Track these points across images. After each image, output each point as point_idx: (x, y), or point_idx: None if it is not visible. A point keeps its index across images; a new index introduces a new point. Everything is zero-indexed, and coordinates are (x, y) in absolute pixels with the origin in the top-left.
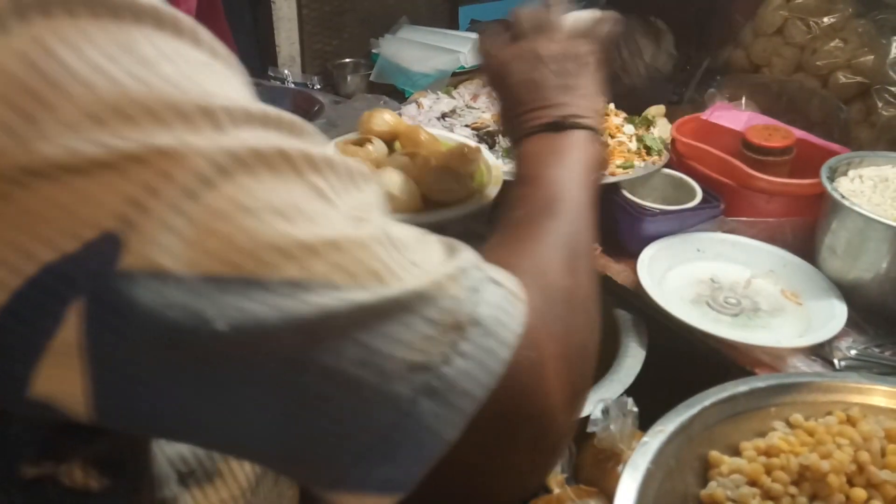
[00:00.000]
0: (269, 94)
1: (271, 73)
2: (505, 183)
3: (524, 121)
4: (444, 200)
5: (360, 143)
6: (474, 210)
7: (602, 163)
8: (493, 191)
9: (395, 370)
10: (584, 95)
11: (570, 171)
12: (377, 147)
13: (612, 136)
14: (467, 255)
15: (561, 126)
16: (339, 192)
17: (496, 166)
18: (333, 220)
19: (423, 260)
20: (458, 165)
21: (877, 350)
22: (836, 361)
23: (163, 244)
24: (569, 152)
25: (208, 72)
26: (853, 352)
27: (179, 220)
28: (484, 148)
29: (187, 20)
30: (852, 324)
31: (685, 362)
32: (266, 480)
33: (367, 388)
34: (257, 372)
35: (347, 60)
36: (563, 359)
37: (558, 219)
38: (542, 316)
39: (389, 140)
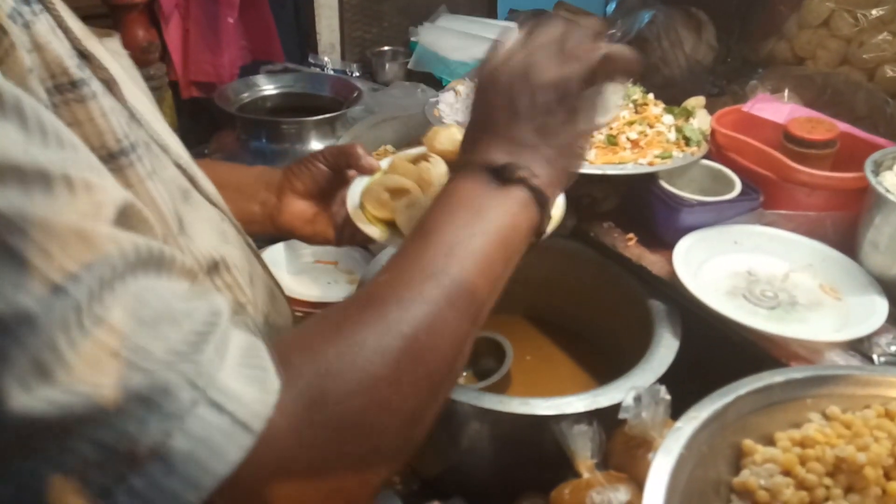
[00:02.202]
0: (308, 79)
1: (311, 60)
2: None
3: (477, 145)
4: None
5: (418, 160)
6: None
7: (536, 232)
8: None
9: (40, 493)
10: (556, 145)
11: (476, 239)
12: (435, 166)
13: (651, 126)
14: (203, 359)
15: (503, 176)
16: (48, 255)
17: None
18: (18, 292)
19: (135, 352)
20: None
21: None
22: (875, 357)
23: None
24: (490, 214)
25: None
26: (893, 348)
27: None
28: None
29: None
30: (894, 320)
31: (719, 354)
32: None
33: None
34: None
35: (386, 48)
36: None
37: (412, 308)
38: (285, 448)
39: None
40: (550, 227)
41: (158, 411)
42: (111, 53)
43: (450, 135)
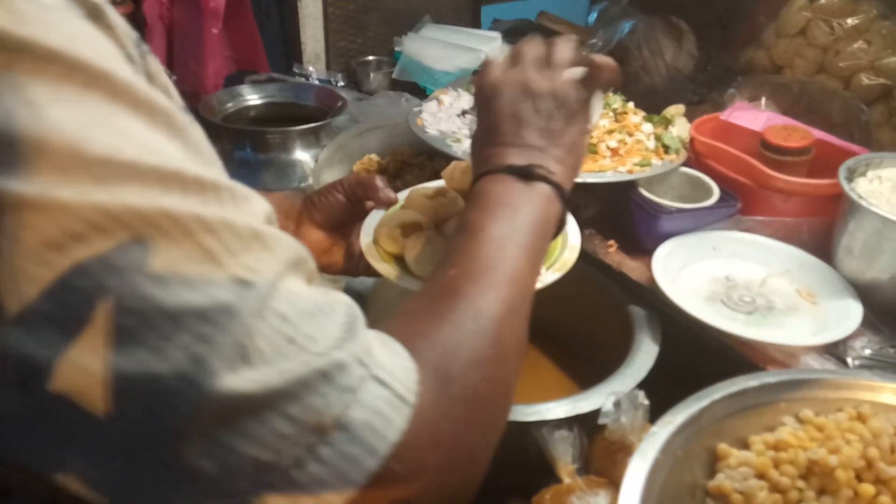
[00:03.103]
0: (293, 89)
1: (296, 70)
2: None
3: (493, 154)
4: None
5: (435, 196)
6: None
7: (558, 223)
8: (550, 277)
9: (240, 467)
10: (562, 145)
11: (519, 232)
12: (453, 203)
13: (631, 134)
14: (359, 343)
15: (527, 175)
16: (234, 253)
17: (573, 246)
18: (215, 286)
19: (306, 339)
20: None
21: (892, 350)
22: (849, 361)
23: None
24: (524, 209)
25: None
26: (867, 351)
27: None
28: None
29: (150, 100)
30: (868, 324)
31: (698, 358)
32: None
33: (206, 480)
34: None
35: (371, 58)
36: (443, 470)
37: (489, 294)
38: (432, 419)
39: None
40: (572, 256)
41: (337, 386)
42: None
43: (467, 169)
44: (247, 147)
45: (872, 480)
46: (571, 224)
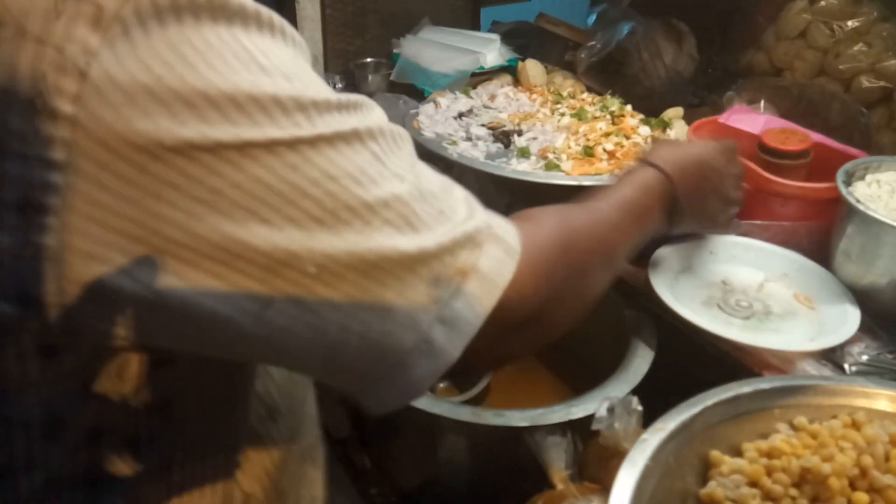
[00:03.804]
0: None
1: None
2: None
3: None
4: None
5: None
6: None
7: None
8: None
9: (421, 301)
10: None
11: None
12: None
13: (628, 137)
14: (480, 213)
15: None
16: (388, 153)
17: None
18: (386, 180)
19: (448, 210)
20: None
21: (890, 356)
22: (846, 366)
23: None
24: (652, 216)
25: (296, 67)
26: (865, 357)
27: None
28: None
29: (275, 19)
30: (866, 329)
31: (694, 364)
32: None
33: (396, 315)
34: (321, 297)
35: (369, 60)
36: (545, 299)
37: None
38: (531, 264)
39: None
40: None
41: (474, 242)
42: None
43: None
44: None
45: (866, 489)
46: None
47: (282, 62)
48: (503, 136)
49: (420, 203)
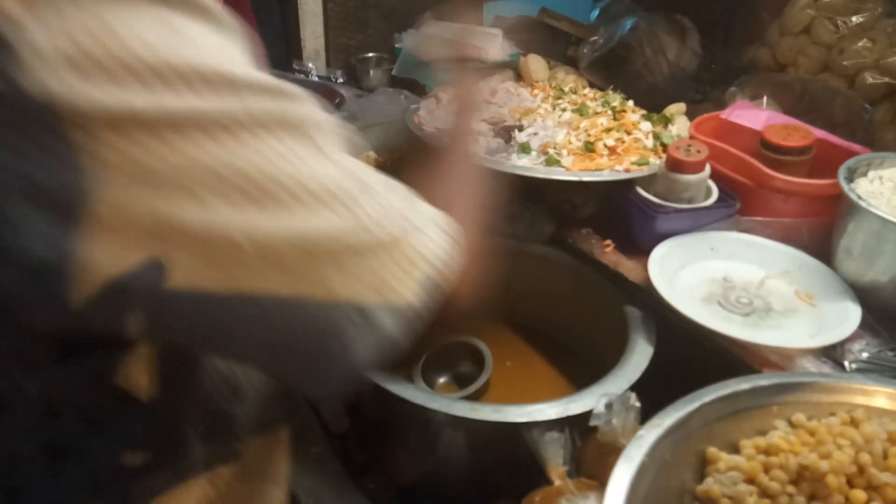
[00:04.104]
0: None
1: (296, 67)
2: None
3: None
4: None
5: None
6: None
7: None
8: None
9: (366, 288)
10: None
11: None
12: None
13: (629, 133)
14: (422, 205)
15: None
16: (327, 143)
17: None
18: (326, 166)
19: (391, 205)
20: None
21: (890, 354)
22: (846, 364)
23: None
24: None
25: (226, 50)
26: (865, 354)
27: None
28: None
29: (211, 7)
30: (867, 326)
31: (693, 360)
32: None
33: (342, 300)
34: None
35: (370, 55)
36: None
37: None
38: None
39: None
40: None
41: (418, 230)
42: None
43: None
44: None
45: (864, 486)
46: None
47: (213, 44)
48: (503, 132)
49: (362, 192)
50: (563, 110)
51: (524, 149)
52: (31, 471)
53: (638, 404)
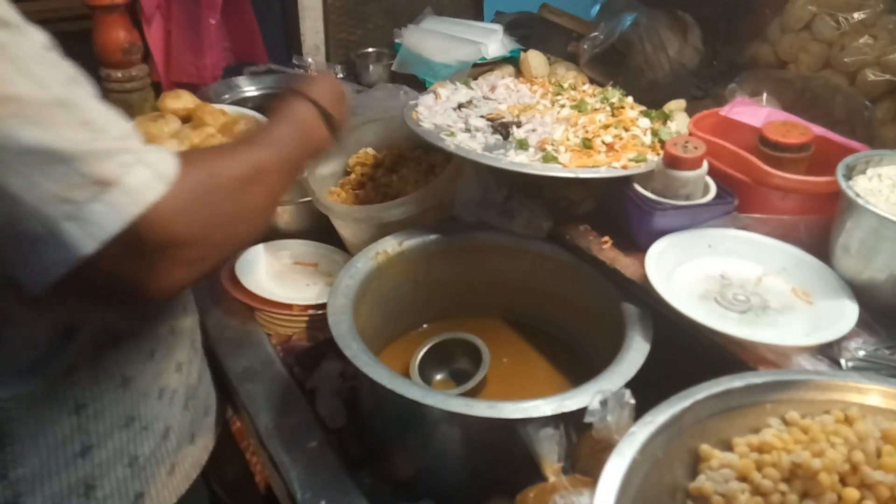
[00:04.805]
0: (290, 81)
1: (295, 61)
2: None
3: (302, 89)
4: None
5: (156, 118)
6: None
7: (322, 143)
8: None
9: (48, 196)
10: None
11: (304, 142)
12: (169, 122)
13: (627, 129)
14: (133, 142)
15: (324, 116)
16: (36, 64)
17: None
18: (21, 78)
19: (97, 126)
20: None
21: (887, 352)
22: (843, 362)
23: None
24: (312, 133)
25: None
26: (862, 353)
27: None
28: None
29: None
30: (864, 325)
31: (690, 358)
32: None
33: (23, 205)
34: None
35: (370, 50)
36: (191, 242)
37: (257, 153)
38: (187, 202)
39: (185, 117)
40: None
41: (117, 162)
42: None
43: (176, 97)
44: None
45: (857, 485)
46: None
47: None
48: (502, 128)
49: (59, 109)
50: (562, 106)
51: (522, 145)
52: None
53: (633, 401)
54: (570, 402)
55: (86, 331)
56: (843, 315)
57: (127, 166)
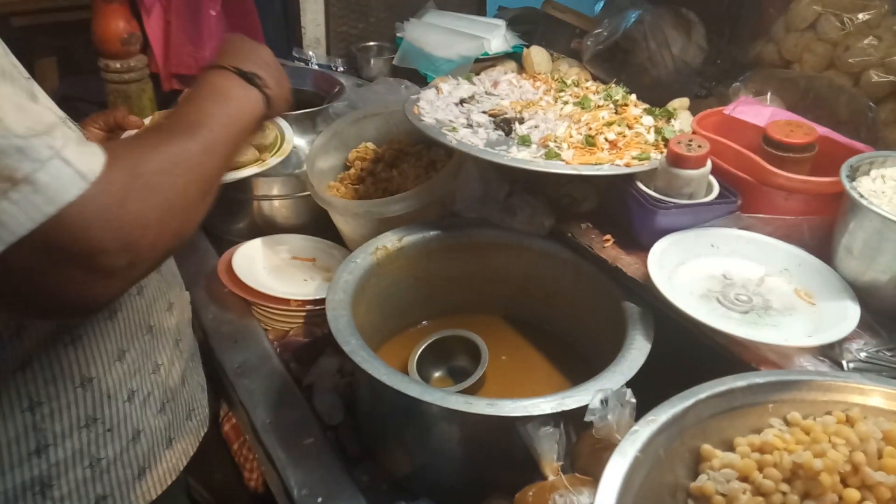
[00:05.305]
0: (290, 73)
1: (296, 54)
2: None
3: (229, 58)
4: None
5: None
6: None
7: (259, 124)
8: (273, 160)
9: None
10: (282, 85)
11: (226, 115)
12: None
13: (630, 127)
14: (54, 138)
15: (248, 78)
16: None
17: (288, 140)
18: None
19: (12, 122)
20: None
21: (888, 353)
22: (844, 363)
23: None
24: (236, 100)
25: None
26: (863, 354)
27: None
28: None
29: None
30: (866, 326)
31: (691, 357)
32: None
33: None
34: None
35: (372, 44)
36: (116, 240)
37: (186, 141)
38: (112, 202)
39: None
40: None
41: (28, 157)
42: None
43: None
44: None
45: (858, 485)
46: (288, 130)
47: None
48: (504, 124)
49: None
50: (565, 103)
51: (524, 141)
52: None
53: (633, 400)
54: (570, 400)
55: (36, 329)
56: (845, 316)
57: (41, 162)
